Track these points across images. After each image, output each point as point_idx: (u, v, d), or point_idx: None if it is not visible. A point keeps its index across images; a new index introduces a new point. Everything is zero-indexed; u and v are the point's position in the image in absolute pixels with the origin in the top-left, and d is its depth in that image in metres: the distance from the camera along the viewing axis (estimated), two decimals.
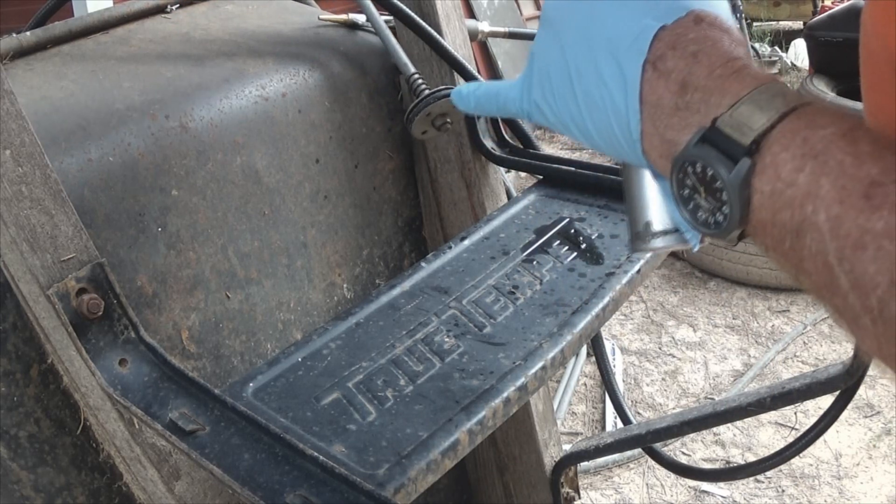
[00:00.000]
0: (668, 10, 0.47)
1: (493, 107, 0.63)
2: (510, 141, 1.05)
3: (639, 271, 0.85)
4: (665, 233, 0.56)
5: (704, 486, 2.48)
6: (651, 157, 0.48)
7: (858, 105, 0.54)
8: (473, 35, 1.18)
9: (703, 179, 0.44)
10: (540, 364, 0.73)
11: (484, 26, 1.27)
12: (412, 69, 0.97)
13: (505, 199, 1.09)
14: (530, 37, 1.60)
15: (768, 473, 2.49)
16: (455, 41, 1.04)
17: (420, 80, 0.96)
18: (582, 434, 2.68)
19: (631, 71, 0.47)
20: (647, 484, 2.48)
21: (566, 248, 0.89)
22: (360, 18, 1.08)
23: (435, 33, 0.99)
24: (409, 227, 1.09)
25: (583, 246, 0.89)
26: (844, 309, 0.39)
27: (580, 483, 1.21)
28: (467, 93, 0.63)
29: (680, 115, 0.46)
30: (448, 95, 0.80)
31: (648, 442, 1.12)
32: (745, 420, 2.63)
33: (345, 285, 1.00)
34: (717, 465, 2.53)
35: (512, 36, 1.42)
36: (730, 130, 0.43)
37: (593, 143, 0.52)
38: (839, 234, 0.38)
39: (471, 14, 4.82)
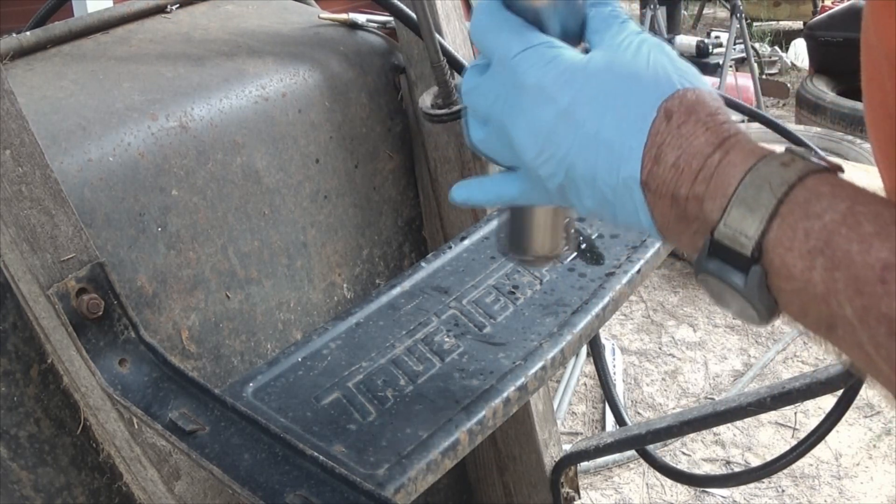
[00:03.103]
0: (640, 114, 0.47)
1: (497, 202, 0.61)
2: None
3: (639, 271, 0.85)
4: (536, 258, 0.62)
5: None
6: (685, 252, 0.49)
7: (858, 105, 0.54)
8: None
9: (727, 286, 0.44)
10: (540, 364, 0.73)
11: None
12: (440, 58, 0.96)
13: None
14: None
15: None
16: (455, 41, 1.04)
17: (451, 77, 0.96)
18: (582, 434, 2.68)
19: (638, 197, 0.48)
20: (647, 484, 2.48)
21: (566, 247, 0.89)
22: (360, 18, 1.08)
23: (435, 33, 0.99)
24: (409, 227, 1.09)
25: (583, 246, 0.89)
26: (877, 372, 0.39)
27: (580, 483, 1.21)
28: (462, 199, 0.61)
29: (682, 225, 0.46)
30: None
31: (648, 442, 1.12)
32: (745, 420, 2.62)
33: (345, 285, 1.00)
34: (717, 465, 2.53)
35: None
36: (729, 242, 0.42)
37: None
38: (869, 324, 0.37)
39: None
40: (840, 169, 0.42)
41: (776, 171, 0.42)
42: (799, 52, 6.16)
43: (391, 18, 1.05)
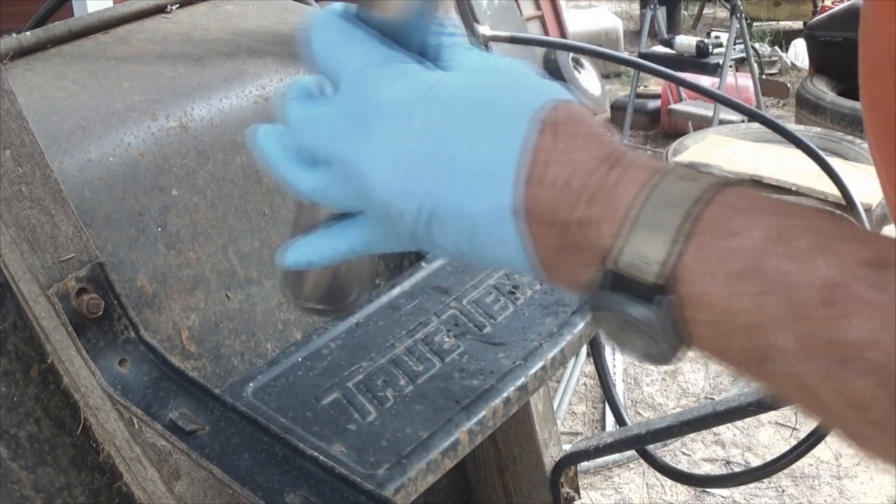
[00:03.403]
0: (514, 129, 0.40)
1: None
2: None
3: None
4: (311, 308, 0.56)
5: None
6: (567, 289, 0.43)
7: (858, 105, 0.54)
8: None
9: (626, 323, 0.37)
10: (540, 364, 0.73)
11: (485, 30, 1.27)
12: None
13: None
14: (531, 42, 1.60)
15: None
16: None
17: None
18: (582, 434, 2.68)
19: (514, 227, 0.40)
20: (647, 484, 2.48)
21: None
22: None
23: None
24: None
25: None
26: (843, 424, 0.34)
27: (580, 483, 1.21)
28: (299, 263, 0.50)
29: (569, 255, 0.40)
30: None
31: (648, 442, 1.12)
32: (745, 420, 2.63)
33: None
34: (717, 465, 2.53)
35: (513, 41, 1.42)
36: (629, 271, 0.36)
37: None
38: (812, 354, 0.32)
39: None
40: (751, 183, 0.38)
41: (681, 187, 0.36)
42: (799, 52, 6.17)
43: None
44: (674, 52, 4.65)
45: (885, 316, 0.30)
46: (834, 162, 1.13)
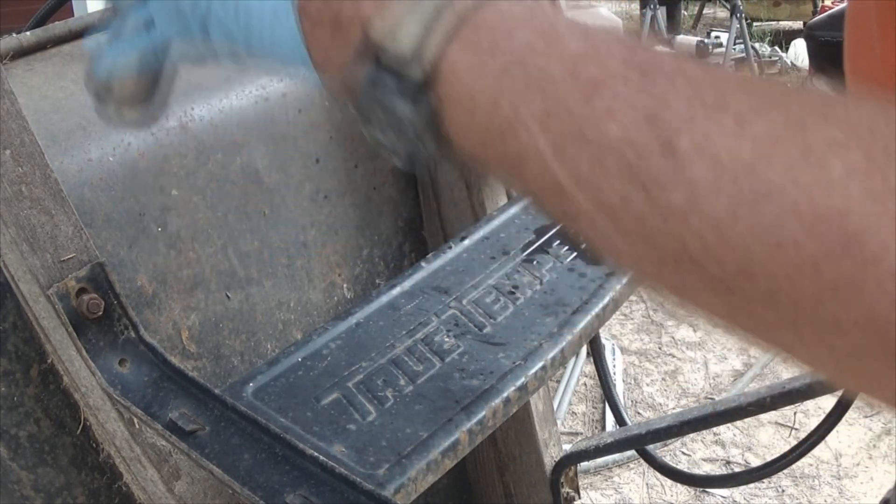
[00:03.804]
0: None
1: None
2: None
3: None
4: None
5: None
6: (333, 81, 0.42)
7: None
8: None
9: (388, 119, 0.36)
10: (540, 364, 0.73)
11: None
12: None
13: (505, 199, 1.09)
14: None
15: None
16: None
17: None
18: (582, 434, 2.68)
19: (291, 19, 0.40)
20: (647, 484, 2.48)
21: (566, 247, 0.89)
22: None
23: None
24: (408, 227, 1.09)
25: (583, 245, 0.89)
26: (598, 236, 0.32)
27: (580, 483, 1.21)
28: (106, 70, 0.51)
29: (333, 32, 0.39)
30: None
31: (648, 442, 1.12)
32: (745, 420, 2.62)
33: (345, 285, 1.00)
34: (717, 465, 2.53)
35: None
36: (388, 45, 0.35)
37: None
38: (571, 154, 0.31)
39: None
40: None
41: None
42: (799, 52, 6.17)
43: None
44: (674, 52, 4.65)
45: (645, 117, 0.29)
46: None
